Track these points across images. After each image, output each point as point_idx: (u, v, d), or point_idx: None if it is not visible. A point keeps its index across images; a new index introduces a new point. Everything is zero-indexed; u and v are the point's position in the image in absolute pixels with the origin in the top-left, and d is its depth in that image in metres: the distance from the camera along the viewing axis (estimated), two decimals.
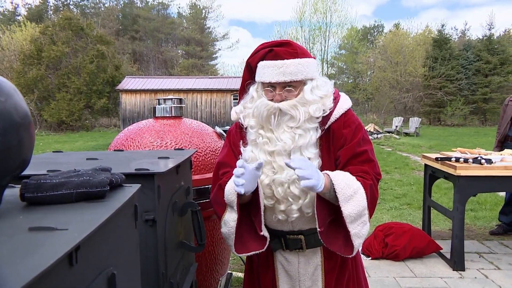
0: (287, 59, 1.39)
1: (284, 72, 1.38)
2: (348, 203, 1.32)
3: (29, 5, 41.50)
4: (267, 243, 1.43)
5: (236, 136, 1.57)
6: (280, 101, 1.40)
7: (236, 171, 1.29)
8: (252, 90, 1.48)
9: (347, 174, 1.38)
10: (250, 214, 1.46)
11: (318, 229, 1.35)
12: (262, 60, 1.42)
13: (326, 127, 1.45)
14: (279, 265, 1.57)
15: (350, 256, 1.39)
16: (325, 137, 1.46)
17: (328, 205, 1.38)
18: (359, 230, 1.35)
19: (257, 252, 1.43)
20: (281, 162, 1.39)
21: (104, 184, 0.85)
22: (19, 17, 38.88)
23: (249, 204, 1.46)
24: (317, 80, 1.46)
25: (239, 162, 1.30)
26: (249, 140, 1.48)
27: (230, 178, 1.43)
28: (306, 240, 1.51)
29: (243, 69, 1.55)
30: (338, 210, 1.35)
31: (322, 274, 1.54)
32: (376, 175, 1.45)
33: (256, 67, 1.46)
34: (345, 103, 1.50)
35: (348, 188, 1.33)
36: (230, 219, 1.43)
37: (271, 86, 1.42)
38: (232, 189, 1.39)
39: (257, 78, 1.46)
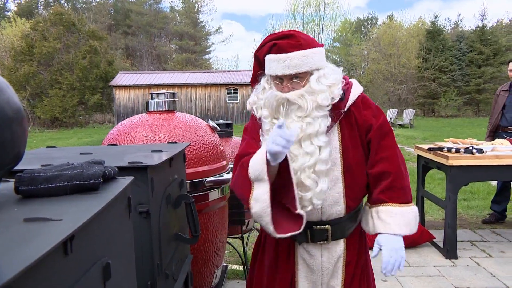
0: (290, 52, 1.40)
1: (289, 65, 1.39)
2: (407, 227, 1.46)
3: (19, 1, 41.01)
4: (304, 221, 1.33)
5: (253, 127, 1.57)
6: (288, 92, 1.43)
7: (278, 121, 1.27)
8: (263, 81, 1.51)
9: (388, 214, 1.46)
10: (276, 195, 1.38)
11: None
12: (268, 53, 1.44)
13: (345, 110, 1.47)
14: (300, 259, 1.53)
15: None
16: (346, 119, 1.48)
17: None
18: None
19: (295, 233, 1.33)
20: (294, 150, 1.41)
21: (97, 177, 0.86)
22: (8, 13, 38.47)
23: (274, 184, 1.38)
24: (324, 69, 1.47)
25: (279, 121, 1.29)
26: (264, 131, 1.49)
27: (252, 157, 1.39)
28: (332, 230, 1.50)
29: (253, 63, 1.58)
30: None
31: (343, 266, 1.54)
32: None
33: (263, 60, 1.49)
34: (359, 87, 1.54)
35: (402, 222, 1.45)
36: (260, 193, 1.33)
37: (278, 79, 1.45)
38: (259, 159, 1.34)
39: (266, 71, 1.49)
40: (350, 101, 1.47)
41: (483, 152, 3.34)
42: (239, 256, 3.18)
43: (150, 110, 2.26)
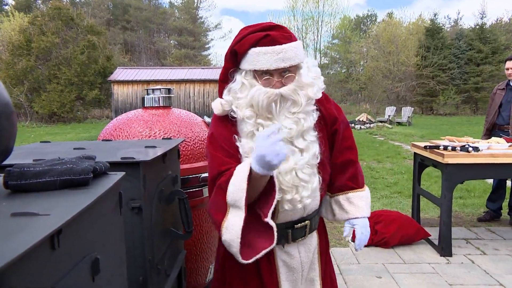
0: (284, 43, 1.30)
1: (284, 58, 1.29)
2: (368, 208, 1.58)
3: None
4: (275, 235, 1.25)
5: (221, 134, 1.39)
6: (281, 87, 1.33)
7: (273, 126, 1.19)
8: (240, 78, 1.35)
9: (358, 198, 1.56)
10: (253, 208, 1.30)
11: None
12: (255, 46, 1.30)
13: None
14: (280, 262, 1.46)
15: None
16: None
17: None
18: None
19: (268, 249, 1.25)
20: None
21: (87, 172, 0.86)
22: (6, 7, 38.25)
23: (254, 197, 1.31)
24: (307, 62, 1.41)
25: (275, 126, 1.21)
26: (243, 133, 1.36)
27: (230, 177, 1.27)
28: (310, 224, 1.48)
29: (225, 59, 1.41)
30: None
31: (318, 257, 1.55)
32: None
33: (243, 54, 1.33)
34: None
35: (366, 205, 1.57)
36: (234, 221, 1.24)
37: (267, 73, 1.32)
38: (240, 183, 1.22)
39: (247, 66, 1.33)
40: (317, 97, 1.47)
41: (479, 150, 3.35)
42: None
43: (145, 105, 2.26)
